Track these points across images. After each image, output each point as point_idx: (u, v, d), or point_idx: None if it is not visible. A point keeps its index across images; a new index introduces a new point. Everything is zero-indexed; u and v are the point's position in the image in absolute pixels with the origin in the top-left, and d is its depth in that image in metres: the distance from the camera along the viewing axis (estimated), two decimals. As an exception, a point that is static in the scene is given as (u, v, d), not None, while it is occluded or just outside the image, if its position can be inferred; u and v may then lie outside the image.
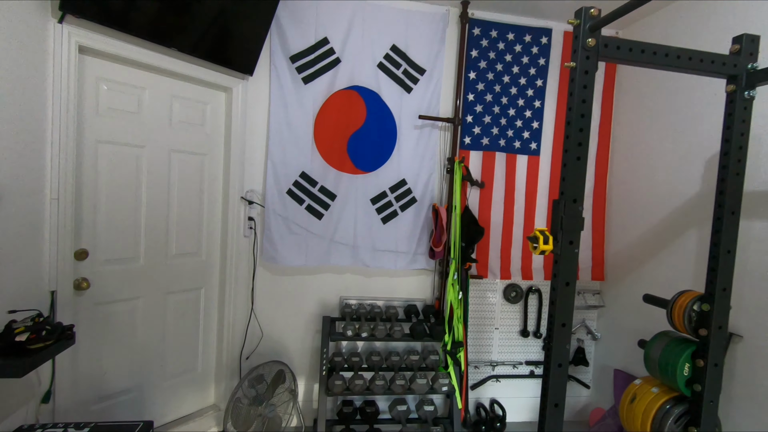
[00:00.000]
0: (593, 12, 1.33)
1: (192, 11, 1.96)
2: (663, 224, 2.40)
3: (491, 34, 2.69)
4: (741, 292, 1.89)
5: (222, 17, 2.08)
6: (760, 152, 1.87)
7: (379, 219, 2.65)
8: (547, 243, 1.37)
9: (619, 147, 2.80)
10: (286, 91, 2.49)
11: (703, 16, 2.19)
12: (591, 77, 1.35)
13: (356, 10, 2.54)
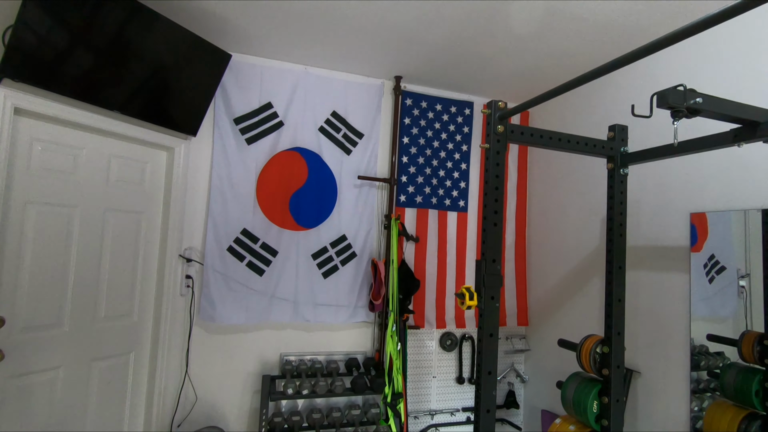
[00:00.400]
0: (501, 105, 1.62)
1: (136, 77, 2.03)
2: (573, 273, 2.74)
3: (422, 105, 3.01)
4: (636, 333, 2.20)
5: (168, 83, 2.17)
6: (639, 213, 2.26)
7: (320, 274, 2.73)
8: (473, 299, 1.55)
9: (534, 204, 3.19)
10: (229, 151, 2.58)
11: (587, 105, 2.67)
12: (502, 156, 1.62)
13: (299, 79, 2.74)
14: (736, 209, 1.82)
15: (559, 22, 2.09)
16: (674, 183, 2.08)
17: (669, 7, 1.91)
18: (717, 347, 1.90)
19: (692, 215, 2.00)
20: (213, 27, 2.29)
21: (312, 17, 2.16)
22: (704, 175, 1.95)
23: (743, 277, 1.83)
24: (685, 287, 2.01)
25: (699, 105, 1.20)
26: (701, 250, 1.97)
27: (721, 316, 1.91)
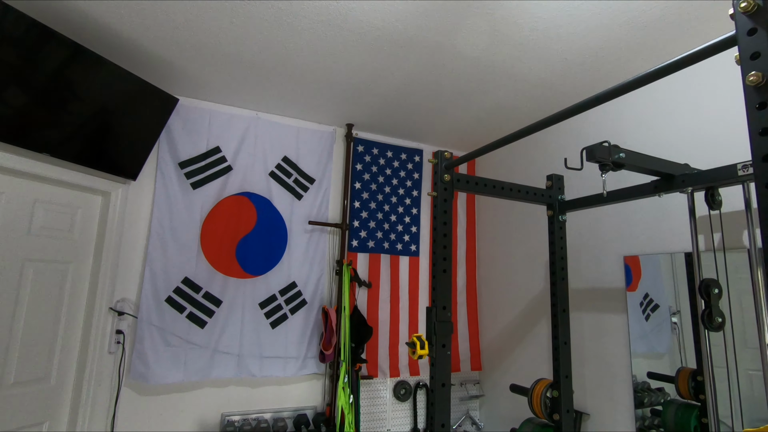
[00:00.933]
0: (447, 155, 1.68)
1: (72, 119, 1.93)
2: (521, 316, 2.79)
3: (373, 151, 3.08)
4: (583, 374, 2.25)
5: (108, 125, 2.07)
6: (580, 258, 2.38)
7: (268, 323, 2.59)
8: (424, 348, 1.53)
9: (484, 248, 3.28)
10: (172, 196, 2.46)
11: (529, 155, 2.86)
12: (449, 204, 1.66)
13: (250, 124, 2.73)
14: (663, 252, 1.97)
15: (499, 80, 2.25)
16: (608, 229, 2.23)
17: (595, 73, 2.13)
18: (658, 383, 1.98)
19: (626, 258, 2.13)
20: (160, 71, 2.25)
21: (261, 67, 2.19)
22: (635, 222, 2.10)
23: (675, 314, 1.95)
24: (623, 327, 2.10)
25: (622, 159, 1.31)
26: (636, 289, 2.09)
27: (659, 352, 2.01)
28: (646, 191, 1.53)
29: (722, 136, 1.76)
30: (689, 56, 0.86)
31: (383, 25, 1.81)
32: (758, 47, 0.72)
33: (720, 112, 1.78)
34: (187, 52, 2.07)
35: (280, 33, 1.89)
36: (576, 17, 1.72)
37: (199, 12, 1.76)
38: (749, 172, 1.27)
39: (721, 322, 1.48)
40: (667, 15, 1.68)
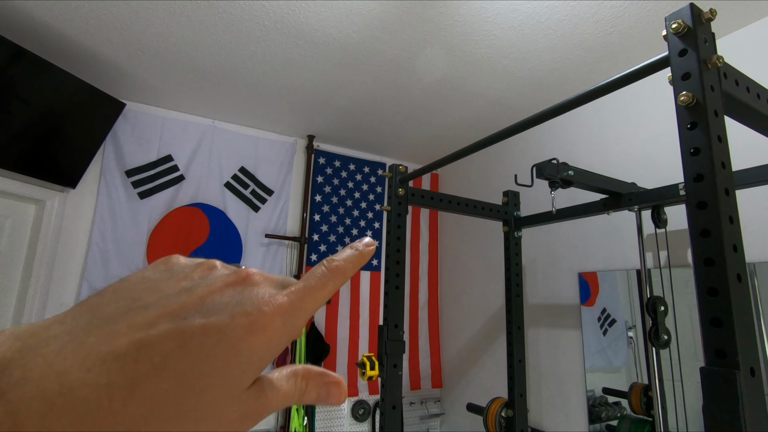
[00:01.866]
0: (401, 169, 1.65)
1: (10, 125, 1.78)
2: (482, 332, 2.78)
3: (335, 164, 3.03)
4: (539, 392, 2.24)
5: (44, 130, 1.93)
6: (536, 273, 2.39)
7: (219, 342, 2.45)
8: (374, 368, 1.47)
9: (445, 262, 3.26)
10: (117, 206, 2.32)
11: (489, 169, 2.88)
12: (403, 219, 1.62)
13: (205, 132, 2.62)
14: (615, 269, 2.00)
15: (457, 96, 2.26)
16: (563, 245, 2.26)
17: (548, 91, 2.17)
18: (615, 397, 1.99)
19: (582, 274, 2.15)
20: (108, 75, 2.13)
21: (216, 74, 2.11)
22: (589, 239, 2.13)
23: (630, 328, 1.98)
24: (578, 343, 2.11)
25: (571, 177, 1.31)
26: (594, 304, 2.11)
27: (615, 366, 2.03)
28: (595, 209, 1.54)
29: (667, 156, 1.82)
30: (626, 76, 0.86)
31: (340, 36, 1.79)
32: (689, 68, 0.72)
33: (665, 132, 1.84)
34: (136, 56, 1.97)
35: (233, 40, 1.82)
36: (529, 37, 1.75)
37: (147, 14, 1.67)
38: (690, 191, 1.30)
39: (667, 340, 1.49)
40: (611, 38, 1.74)
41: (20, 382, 0.16)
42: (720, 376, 0.61)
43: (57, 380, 0.16)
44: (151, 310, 0.19)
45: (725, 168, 0.69)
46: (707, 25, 0.75)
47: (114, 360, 0.17)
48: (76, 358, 0.17)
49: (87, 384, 0.16)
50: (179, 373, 0.18)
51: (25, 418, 0.15)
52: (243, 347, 0.19)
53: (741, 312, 0.63)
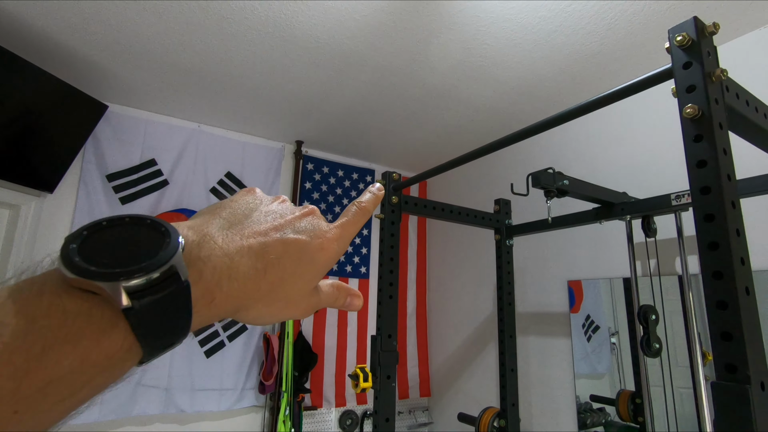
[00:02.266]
0: (395, 176, 1.63)
1: (-24, 122, 1.70)
2: (470, 340, 2.77)
3: (323, 170, 2.99)
4: (529, 400, 2.24)
5: (21, 133, 1.84)
6: (525, 281, 2.40)
7: (203, 352, 2.38)
8: (367, 380, 1.43)
9: (434, 271, 3.25)
10: (97, 211, 2.23)
11: (479, 178, 2.89)
12: (397, 227, 1.60)
13: (191, 136, 2.56)
14: (603, 278, 2.02)
15: (449, 104, 2.26)
16: (552, 253, 2.27)
17: (540, 101, 2.19)
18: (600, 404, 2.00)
19: (569, 282, 2.17)
20: (88, 75, 2.06)
21: (204, 77, 2.06)
22: (577, 247, 2.15)
23: (613, 334, 2.00)
24: (568, 351, 2.12)
25: (566, 186, 1.32)
26: (579, 311, 2.13)
27: (599, 372, 2.04)
28: (588, 218, 1.55)
29: (656, 167, 1.85)
30: (628, 87, 0.86)
31: (333, 42, 1.77)
32: (693, 80, 0.72)
33: (654, 144, 1.88)
34: (120, 57, 1.90)
35: (224, 42, 1.78)
36: (521, 47, 1.76)
37: (133, 14, 1.62)
38: (681, 202, 1.31)
39: (659, 348, 1.51)
40: (603, 50, 1.77)
41: (210, 255, 0.25)
42: (732, 391, 0.61)
43: (228, 258, 0.26)
44: (263, 225, 0.29)
45: (731, 180, 0.69)
46: (710, 39, 0.75)
47: (253, 252, 0.27)
48: (232, 247, 0.26)
49: (243, 264, 0.26)
50: (284, 266, 0.28)
51: (220, 275, 0.25)
52: (316, 258, 0.30)
53: (750, 326, 0.63)
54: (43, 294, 0.20)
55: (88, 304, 0.20)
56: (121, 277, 0.21)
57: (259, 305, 0.28)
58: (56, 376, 0.19)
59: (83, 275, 0.20)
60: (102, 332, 0.20)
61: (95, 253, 0.21)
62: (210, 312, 0.25)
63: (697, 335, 1.50)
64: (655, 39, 1.67)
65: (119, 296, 0.20)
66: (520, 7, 1.54)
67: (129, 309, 0.21)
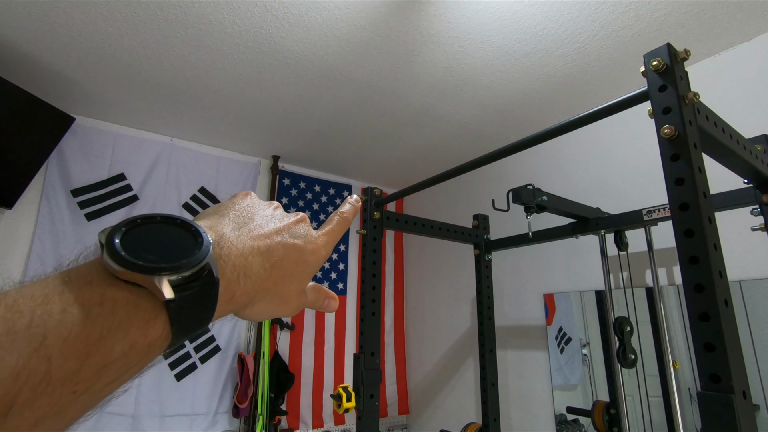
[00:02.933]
0: (377, 192, 1.63)
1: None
2: (449, 356, 2.76)
3: (300, 185, 2.97)
4: (509, 414, 2.25)
5: (-23, 143, 1.74)
6: (503, 295, 2.43)
7: (173, 375, 2.27)
8: (350, 400, 1.40)
9: (411, 286, 3.25)
10: (59, 228, 2.11)
11: (457, 194, 2.94)
12: (379, 242, 1.60)
13: (163, 150, 2.48)
14: (576, 291, 2.07)
15: (426, 121, 2.30)
16: (529, 267, 2.32)
17: (514, 119, 2.26)
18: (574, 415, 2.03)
19: (545, 295, 2.21)
20: (56, 87, 1.97)
21: (179, 91, 2.02)
22: (552, 261, 2.21)
23: (585, 345, 2.04)
24: (545, 363, 2.15)
25: (545, 202, 1.35)
26: (552, 323, 2.17)
27: (572, 383, 2.07)
28: (565, 232, 1.60)
29: (627, 183, 1.93)
30: (608, 107, 0.90)
31: (314, 58, 1.77)
32: (669, 103, 0.76)
33: (625, 161, 1.96)
34: (91, 69, 1.84)
35: (202, 56, 1.75)
36: (497, 68, 1.82)
37: (107, 26, 1.57)
38: (652, 217, 1.37)
39: (634, 359, 1.55)
40: (574, 71, 1.85)
41: (229, 254, 0.27)
42: (717, 400, 0.63)
43: (243, 257, 0.28)
44: (266, 227, 0.31)
45: (706, 197, 0.73)
46: (682, 64, 0.80)
47: (261, 253, 0.29)
48: (246, 247, 0.29)
49: (255, 263, 0.29)
50: (285, 267, 0.31)
51: (238, 273, 0.27)
52: (310, 260, 0.33)
53: (731, 337, 0.66)
54: (93, 284, 0.22)
55: (135, 295, 0.22)
56: (165, 272, 0.23)
57: (262, 302, 0.30)
58: (110, 359, 0.21)
59: (131, 268, 0.22)
60: (147, 322, 0.22)
61: (137, 247, 0.23)
62: (228, 306, 0.27)
63: (668, 345, 1.56)
64: (623, 62, 1.76)
65: (164, 289, 0.22)
66: (496, 30, 1.60)
67: (170, 301, 0.23)
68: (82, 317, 0.20)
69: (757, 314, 1.47)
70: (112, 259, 0.22)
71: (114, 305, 0.21)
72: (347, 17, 1.54)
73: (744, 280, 1.50)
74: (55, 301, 0.20)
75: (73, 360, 0.19)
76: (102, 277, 0.22)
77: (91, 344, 0.20)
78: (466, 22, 1.57)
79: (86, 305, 0.20)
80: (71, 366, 0.19)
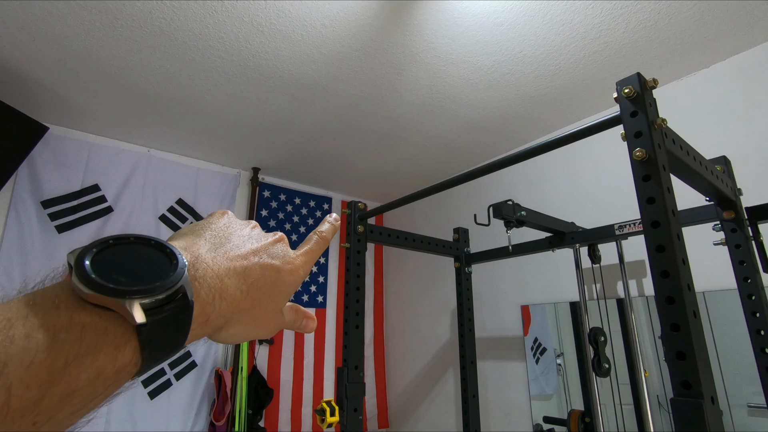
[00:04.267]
0: (360, 206, 1.66)
1: None
2: (428, 368, 2.78)
3: (280, 197, 2.95)
4: (488, 425, 2.27)
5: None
6: (482, 306, 2.48)
7: (146, 393, 2.19)
8: (334, 414, 1.40)
9: (390, 298, 3.26)
10: (28, 240, 2.03)
11: (437, 208, 2.99)
12: (362, 255, 1.61)
13: (140, 161, 2.43)
14: (551, 302, 2.14)
15: (407, 136, 2.35)
16: (506, 279, 2.38)
17: (492, 136, 2.34)
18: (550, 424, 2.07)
19: (522, 307, 2.27)
20: (29, 95, 1.91)
21: (158, 101, 2.00)
22: (529, 273, 2.27)
23: (559, 355, 2.10)
24: (523, 374, 2.19)
25: (524, 217, 1.41)
26: (528, 334, 2.22)
27: (548, 393, 2.13)
28: (542, 246, 1.66)
29: (599, 199, 2.02)
30: (582, 130, 0.96)
31: (297, 73, 1.79)
32: (640, 127, 0.82)
33: (597, 178, 2.06)
34: (68, 77, 1.80)
35: (184, 68, 1.75)
36: (476, 86, 1.89)
37: (88, 35, 1.55)
38: (624, 231, 1.45)
39: (608, 368, 1.61)
40: (549, 92, 1.94)
41: (204, 276, 0.26)
42: (689, 406, 0.67)
43: (219, 279, 0.27)
44: (243, 248, 0.31)
45: (675, 215, 0.79)
46: (650, 92, 0.87)
47: (238, 274, 0.29)
48: (221, 268, 0.28)
49: (231, 285, 0.28)
50: (261, 288, 0.30)
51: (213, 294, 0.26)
52: (286, 280, 0.32)
53: (699, 345, 0.71)
54: (60, 308, 0.20)
55: (104, 320, 0.21)
56: (137, 295, 0.22)
57: (238, 324, 0.29)
58: (76, 387, 0.19)
59: (101, 291, 0.21)
60: (116, 347, 0.21)
61: (108, 269, 0.22)
62: (203, 330, 0.26)
63: (639, 354, 1.63)
64: (594, 84, 1.87)
65: (135, 313, 0.21)
66: (476, 51, 1.67)
67: (142, 325, 0.22)
68: (47, 343, 0.19)
69: (720, 324, 1.56)
70: (81, 282, 0.21)
71: (82, 330, 0.20)
72: (333, 35, 1.58)
73: (707, 291, 1.59)
74: (18, 327, 0.19)
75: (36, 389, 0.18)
76: (70, 301, 0.21)
77: (56, 372, 0.19)
78: (448, 43, 1.63)
79: (52, 330, 0.19)
80: (33, 395, 0.18)
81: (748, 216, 1.20)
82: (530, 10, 1.47)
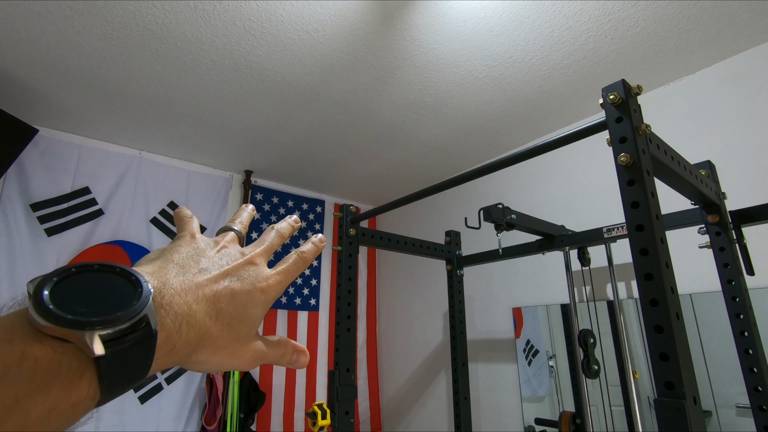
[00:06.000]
0: (352, 209, 1.66)
1: None
2: (421, 370, 2.79)
3: (273, 200, 2.95)
4: (480, 427, 2.28)
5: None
6: (473, 309, 2.49)
7: (136, 398, 2.17)
8: (326, 417, 1.40)
9: (383, 301, 3.26)
10: (16, 244, 2.01)
11: (429, 211, 3.01)
12: (354, 258, 1.62)
13: (131, 164, 2.42)
14: (542, 304, 2.16)
15: (400, 139, 2.36)
16: (498, 282, 2.39)
17: (484, 139, 2.36)
18: (542, 426, 2.08)
19: (513, 309, 2.29)
20: (19, 97, 1.90)
21: (150, 104, 1.99)
22: (520, 276, 2.29)
23: (551, 357, 2.12)
24: (514, 376, 2.21)
25: (514, 220, 1.42)
26: (520, 336, 2.24)
27: (540, 395, 2.14)
28: (532, 249, 1.68)
29: (588, 202, 2.05)
30: (569, 135, 0.98)
31: (290, 77, 1.80)
32: (625, 133, 0.84)
33: (586, 182, 2.08)
34: (58, 79, 1.79)
35: (176, 71, 1.75)
36: (468, 90, 1.91)
37: (78, 38, 1.54)
38: (612, 234, 1.47)
39: (597, 370, 1.63)
40: (539, 97, 1.96)
41: (171, 303, 0.26)
42: (672, 406, 0.69)
43: (186, 305, 0.27)
44: (212, 272, 0.30)
45: (659, 219, 0.80)
46: (635, 98, 0.88)
47: (207, 300, 0.28)
48: (189, 294, 0.27)
49: (200, 311, 0.28)
50: (231, 312, 0.30)
51: (180, 322, 0.26)
52: (258, 301, 0.32)
53: (682, 347, 0.72)
54: (13, 341, 0.20)
55: (59, 353, 0.20)
56: (97, 326, 0.21)
57: (206, 351, 0.28)
58: (26, 424, 0.19)
59: (58, 323, 0.20)
60: (71, 382, 0.20)
61: (68, 300, 0.22)
62: (168, 359, 0.25)
63: (628, 356, 1.65)
64: (583, 89, 1.89)
65: (94, 345, 0.21)
66: (468, 56, 1.68)
67: (101, 357, 0.21)
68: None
69: (707, 325, 1.58)
70: (38, 313, 0.20)
71: (35, 365, 0.19)
72: (325, 39, 1.59)
73: (694, 293, 1.62)
74: None
75: None
76: (25, 333, 0.20)
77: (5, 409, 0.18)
78: (439, 48, 1.64)
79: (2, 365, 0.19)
80: None
81: (732, 219, 1.22)
82: (520, 17, 1.49)
